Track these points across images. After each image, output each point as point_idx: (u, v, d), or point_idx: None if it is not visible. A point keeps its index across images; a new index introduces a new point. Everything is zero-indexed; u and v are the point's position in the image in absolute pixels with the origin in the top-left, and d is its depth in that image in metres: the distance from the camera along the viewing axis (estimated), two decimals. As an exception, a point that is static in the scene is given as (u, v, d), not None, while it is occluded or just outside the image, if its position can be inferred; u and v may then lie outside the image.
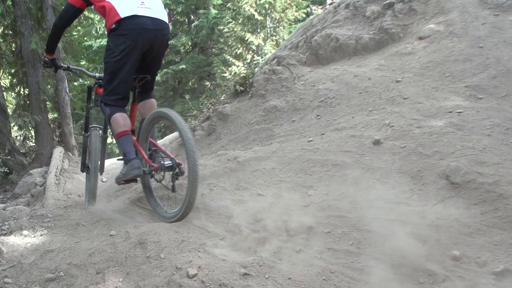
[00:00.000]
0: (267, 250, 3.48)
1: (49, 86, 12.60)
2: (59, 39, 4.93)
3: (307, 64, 7.56)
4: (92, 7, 4.58)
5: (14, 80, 13.72)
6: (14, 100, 15.02)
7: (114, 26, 4.35)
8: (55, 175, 8.81)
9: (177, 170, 4.36)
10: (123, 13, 4.31)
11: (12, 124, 12.81)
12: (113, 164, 9.72)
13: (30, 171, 10.57)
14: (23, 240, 4.03)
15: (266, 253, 3.45)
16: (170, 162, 4.44)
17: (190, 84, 25.70)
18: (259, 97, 7.00)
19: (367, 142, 4.81)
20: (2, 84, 12.67)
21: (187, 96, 23.13)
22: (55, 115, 14.42)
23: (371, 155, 4.60)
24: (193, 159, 3.97)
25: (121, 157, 4.70)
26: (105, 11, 4.39)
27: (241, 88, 7.61)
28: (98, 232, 4.19)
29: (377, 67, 6.43)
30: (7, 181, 11.55)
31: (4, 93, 13.07)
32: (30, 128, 13.15)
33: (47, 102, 12.92)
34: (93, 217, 4.61)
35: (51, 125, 13.05)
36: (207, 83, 23.49)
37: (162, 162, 4.49)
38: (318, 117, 6.04)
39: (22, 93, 13.55)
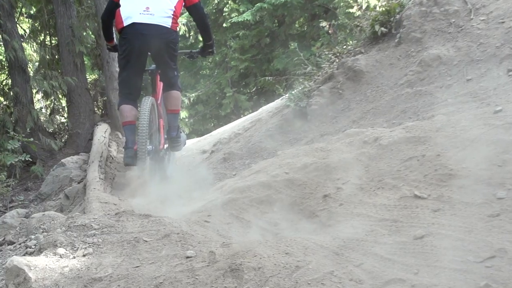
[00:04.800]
0: (434, 286, 3.43)
1: (87, 32, 12.85)
2: (110, 29, 8.22)
3: (491, -12, 7.33)
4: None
5: (37, 24, 14.14)
6: (36, 54, 15.36)
7: (119, 30, 7.48)
8: (99, 166, 9.00)
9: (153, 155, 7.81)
10: (125, 22, 7.34)
11: (34, 91, 13.25)
12: (182, 152, 9.95)
13: (62, 160, 10.81)
14: (58, 263, 4.14)
15: (431, 289, 3.40)
16: (150, 147, 7.61)
17: (296, 25, 25.65)
18: (412, 43, 6.89)
19: None
20: (19, 30, 13.05)
21: (292, 45, 23.09)
22: (96, 75, 14.76)
23: None
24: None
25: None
26: (117, 14, 7.50)
27: (382, 29, 7.54)
28: (167, 252, 4.26)
29: None
30: (28, 175, 12.02)
31: (23, 44, 13.46)
32: (61, 95, 13.60)
33: (84, 57, 13.26)
34: (160, 229, 4.69)
35: (91, 91, 13.42)
36: (324, 23, 23.24)
37: None
38: (511, 73, 5.85)
39: (48, 43, 14.01)
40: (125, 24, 7.40)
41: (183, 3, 7.74)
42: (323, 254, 3.93)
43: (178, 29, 7.94)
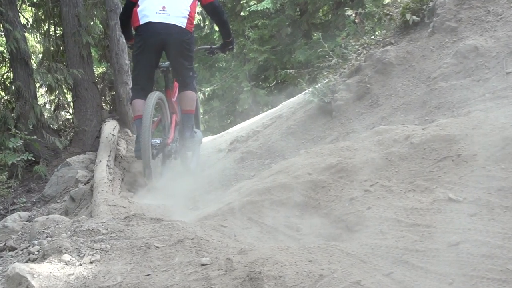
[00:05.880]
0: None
1: (94, 22, 12.83)
2: (128, 28, 9.09)
3: (534, -29, 7.29)
4: None
5: (40, 13, 14.17)
6: (40, 46, 15.37)
7: (135, 28, 8.54)
8: (107, 165, 8.97)
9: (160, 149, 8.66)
10: (141, 20, 8.31)
11: (37, 85, 13.31)
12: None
13: (67, 160, 10.84)
14: (63, 270, 4.14)
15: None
16: (158, 141, 8.52)
17: (320, 14, 25.58)
18: (446, 33, 6.85)
19: None
20: (21, 19, 13.04)
21: (316, 35, 23.02)
22: (104, 68, 14.79)
23: None
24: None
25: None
26: (134, 13, 8.48)
27: (414, 18, 7.51)
28: (181, 259, 4.25)
29: None
30: (31, 176, 12.00)
31: (26, 34, 13.51)
32: (66, 90, 13.62)
33: (91, 48, 13.30)
34: (173, 234, 4.68)
35: (98, 85, 13.46)
36: (350, 12, 23.05)
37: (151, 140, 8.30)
38: (554, 65, 5.81)
39: (53, 33, 14.05)
40: (141, 22, 8.37)
41: (198, 2, 8.72)
42: (349, 262, 3.91)
43: (193, 30, 8.88)
